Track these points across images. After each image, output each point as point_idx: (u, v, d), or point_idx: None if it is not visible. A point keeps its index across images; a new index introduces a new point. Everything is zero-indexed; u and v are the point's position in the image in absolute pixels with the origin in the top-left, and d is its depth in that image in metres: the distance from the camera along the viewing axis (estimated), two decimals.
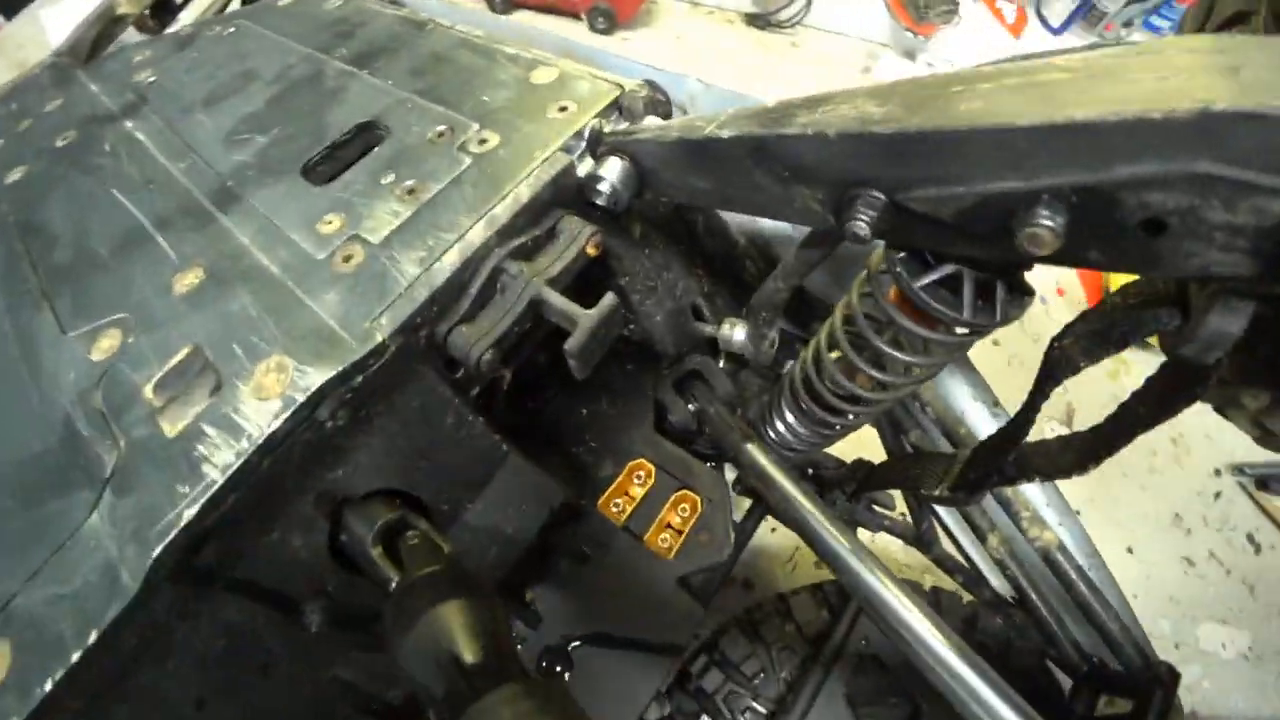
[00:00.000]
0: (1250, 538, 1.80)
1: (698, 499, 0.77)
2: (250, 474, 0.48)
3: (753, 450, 0.75)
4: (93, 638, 0.45)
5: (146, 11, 1.30)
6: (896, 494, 1.04)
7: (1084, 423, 0.60)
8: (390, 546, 0.56)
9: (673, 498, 0.78)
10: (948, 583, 1.03)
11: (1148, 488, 1.80)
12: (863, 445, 0.97)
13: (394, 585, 0.53)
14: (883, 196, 0.47)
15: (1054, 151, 0.36)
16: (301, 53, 0.91)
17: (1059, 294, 2.14)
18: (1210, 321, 0.38)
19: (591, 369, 0.57)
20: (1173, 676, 0.80)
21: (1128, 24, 2.70)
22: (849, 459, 1.03)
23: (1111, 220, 0.37)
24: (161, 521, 0.46)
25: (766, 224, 0.89)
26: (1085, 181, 0.36)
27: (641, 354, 0.85)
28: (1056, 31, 2.71)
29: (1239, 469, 1.87)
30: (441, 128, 0.69)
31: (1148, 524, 1.71)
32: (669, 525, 0.77)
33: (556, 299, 0.56)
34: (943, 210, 0.44)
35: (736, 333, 0.83)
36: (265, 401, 0.49)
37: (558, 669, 0.73)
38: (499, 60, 0.78)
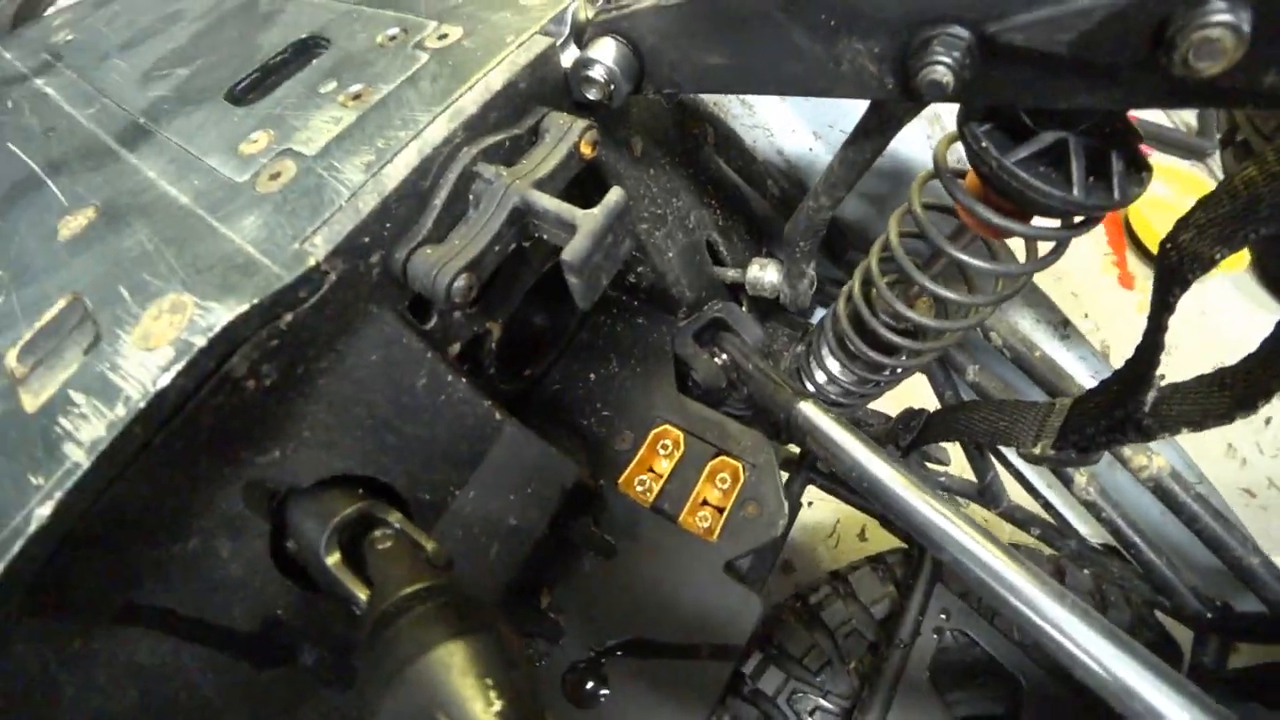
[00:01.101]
0: None
1: (738, 465, 0.63)
2: (133, 453, 0.35)
3: (809, 408, 0.61)
4: None
5: None
6: (951, 446, 0.91)
7: (1118, 361, 0.48)
8: (354, 552, 0.43)
9: (708, 467, 0.64)
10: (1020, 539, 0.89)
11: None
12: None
13: (363, 605, 0.39)
14: (967, 33, 0.35)
15: None
16: None
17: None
18: None
19: (598, 294, 0.44)
20: None
21: None
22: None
23: None
24: (5, 529, 0.32)
25: (785, 140, 0.75)
26: None
27: (654, 302, 0.71)
28: None
29: None
30: (394, 30, 0.56)
31: (1203, 457, 1.56)
32: (706, 502, 0.63)
33: (547, 201, 0.42)
34: (1056, 39, 0.33)
35: (768, 273, 0.70)
36: (152, 352, 0.36)
37: (588, 687, 0.58)
38: None
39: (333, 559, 0.41)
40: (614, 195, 0.42)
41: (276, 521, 0.44)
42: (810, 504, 1.55)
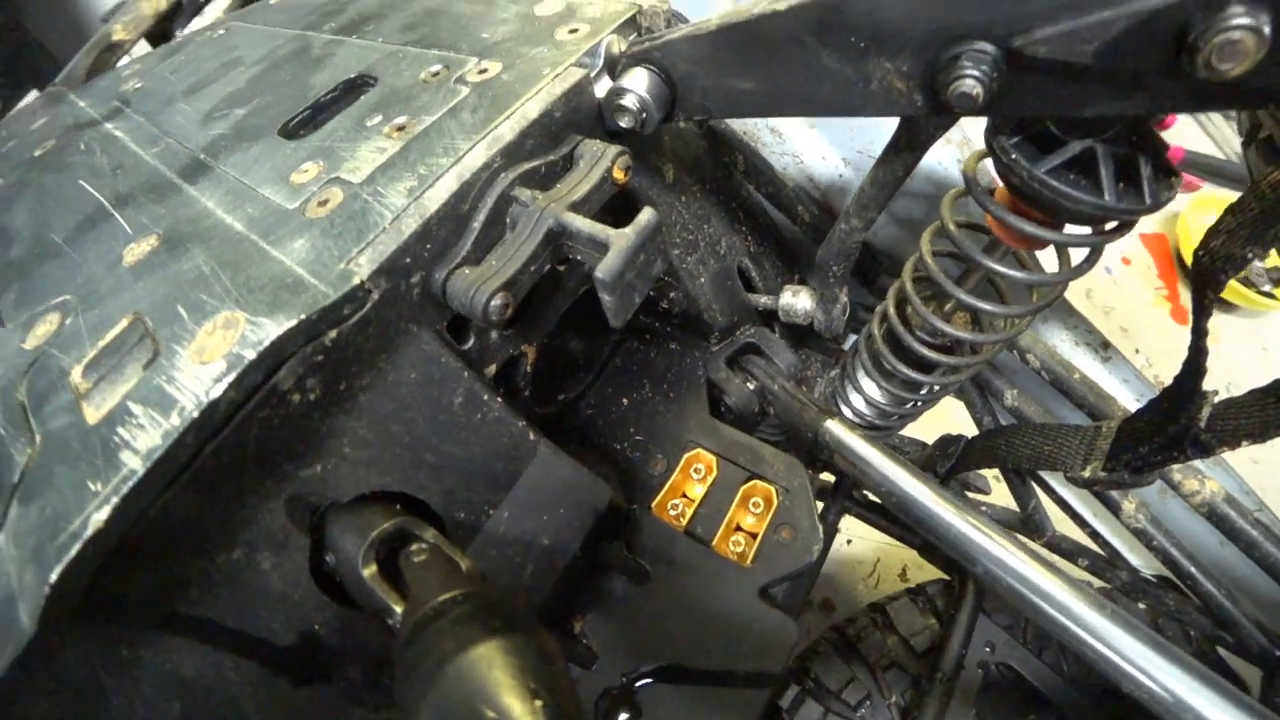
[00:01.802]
0: None
1: (771, 489, 0.63)
2: (186, 461, 0.36)
3: (836, 426, 0.60)
4: None
5: (140, 38, 1.27)
6: (991, 475, 0.89)
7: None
8: (390, 567, 0.43)
9: (741, 492, 0.63)
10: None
11: (1260, 461, 1.58)
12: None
13: (398, 618, 0.40)
14: (993, 48, 0.36)
15: None
16: (289, 34, 0.83)
17: (1125, 263, 1.96)
18: None
19: (630, 312, 0.45)
20: None
21: None
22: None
23: None
24: (64, 532, 0.34)
25: (815, 166, 0.76)
26: None
27: (685, 328, 0.72)
28: None
29: None
30: (436, 68, 0.59)
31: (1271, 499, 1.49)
32: (739, 527, 0.62)
33: (580, 222, 0.43)
34: (1080, 49, 0.34)
35: (801, 299, 0.70)
36: (206, 365, 0.37)
37: (622, 716, 0.58)
38: (497, 3, 0.68)
39: (369, 571, 0.42)
40: (645, 214, 0.43)
41: (315, 536, 0.45)
42: (850, 541, 1.51)
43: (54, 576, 0.33)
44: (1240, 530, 0.63)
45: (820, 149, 0.74)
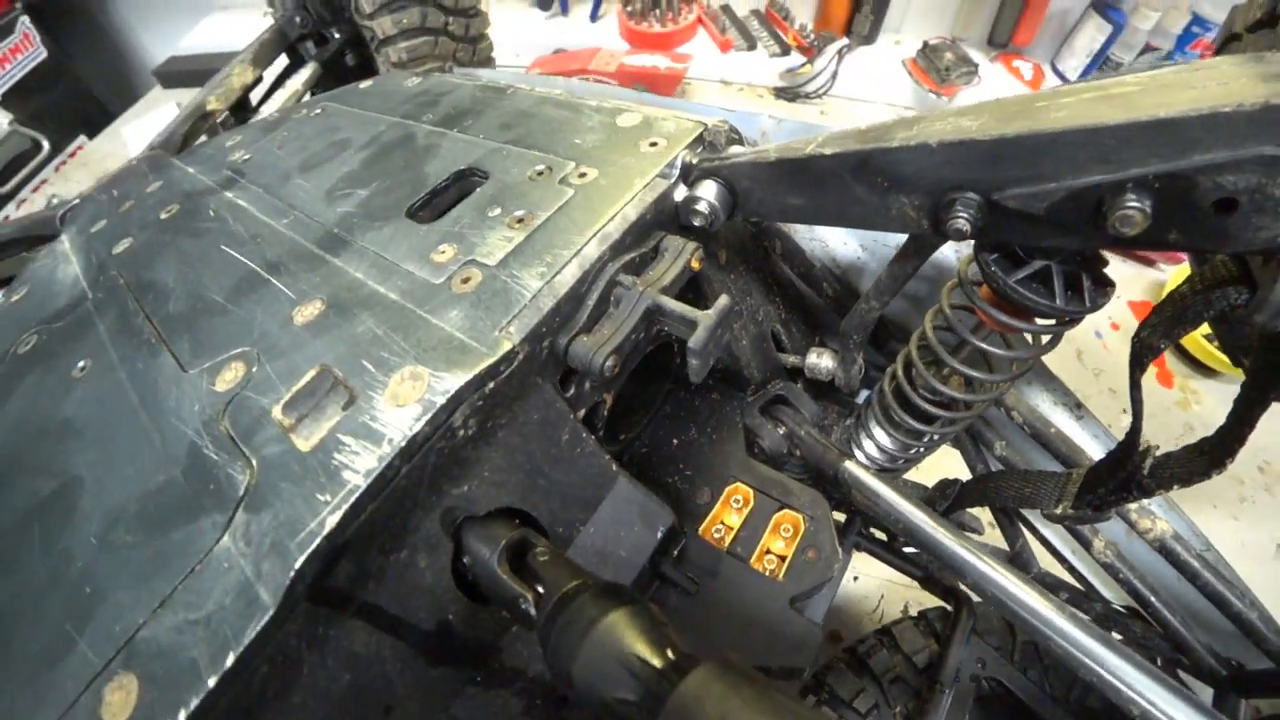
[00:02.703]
0: None
1: (799, 518, 0.75)
2: (390, 481, 0.48)
3: (853, 466, 0.73)
4: (230, 661, 0.43)
5: (229, 110, 1.41)
6: (983, 515, 1.01)
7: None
8: (516, 566, 0.55)
9: (774, 519, 0.76)
10: None
11: (1240, 518, 1.72)
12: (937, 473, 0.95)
13: (530, 603, 0.51)
14: (978, 197, 0.51)
15: (1139, 145, 0.41)
16: (390, 121, 0.97)
17: (1114, 328, 2.13)
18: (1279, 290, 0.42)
19: (707, 372, 0.58)
20: None
21: None
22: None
23: (1189, 202, 0.42)
24: (303, 531, 0.46)
25: (838, 249, 0.91)
26: (1167, 169, 0.41)
27: (726, 381, 0.85)
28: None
29: None
30: (540, 167, 0.73)
31: (1248, 556, 1.61)
32: (769, 550, 0.75)
33: (673, 304, 0.57)
34: (1036, 205, 0.49)
35: (824, 360, 0.84)
36: (403, 408, 0.50)
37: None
38: (583, 111, 0.83)
39: (504, 568, 0.54)
40: (723, 300, 0.57)
41: (455, 543, 0.57)
42: (856, 579, 1.63)
43: (298, 564, 0.44)
44: (1186, 563, 0.75)
45: (842, 235, 0.89)
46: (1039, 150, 0.45)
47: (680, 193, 0.67)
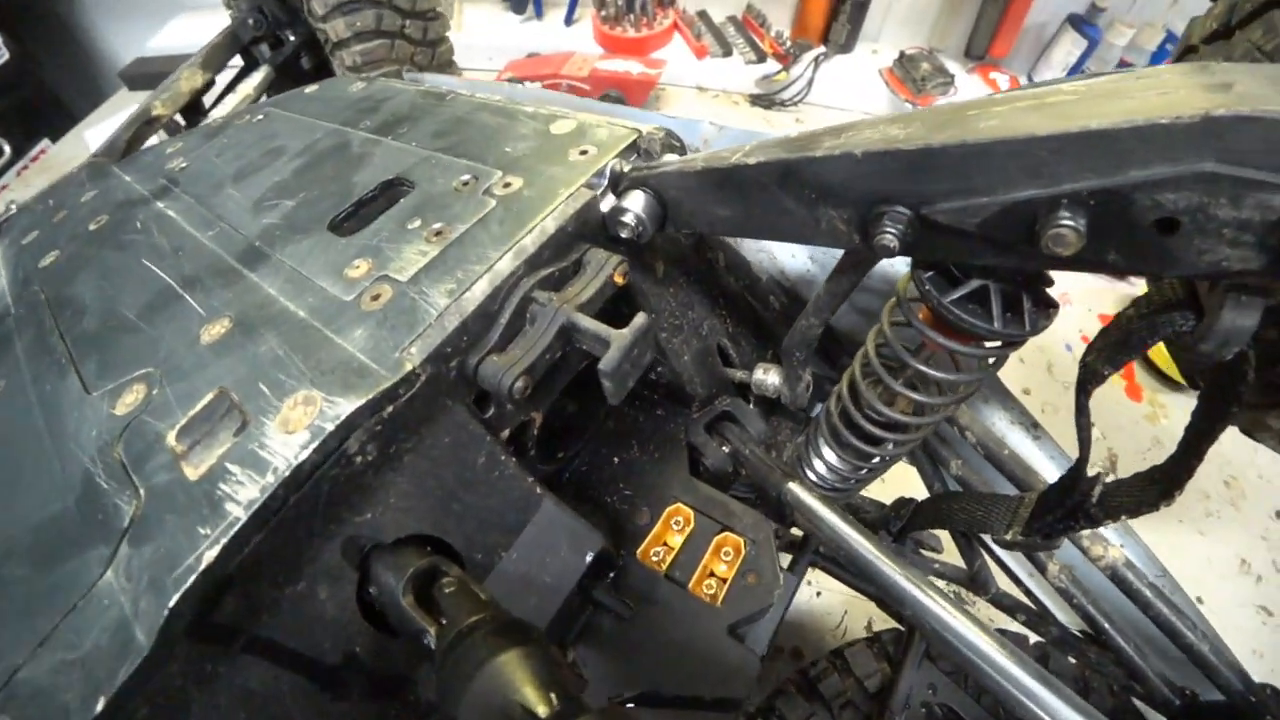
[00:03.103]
0: None
1: (740, 541, 0.73)
2: (276, 511, 0.46)
3: (796, 488, 0.71)
4: (100, 705, 0.40)
5: (177, 114, 1.38)
6: (943, 536, 0.99)
7: (1126, 469, 0.58)
8: (424, 597, 0.53)
9: (714, 542, 0.73)
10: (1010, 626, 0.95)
11: (1206, 533, 1.71)
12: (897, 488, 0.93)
13: (432, 638, 0.49)
14: (908, 211, 0.48)
15: (1072, 159, 0.38)
16: (327, 128, 0.94)
17: (1084, 340, 2.13)
18: (1225, 317, 0.40)
19: (625, 393, 0.55)
20: None
21: None
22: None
23: (1128, 221, 0.39)
24: (180, 566, 0.43)
25: (786, 262, 0.89)
26: (1102, 185, 0.38)
27: (670, 397, 0.83)
28: None
29: None
30: (466, 177, 0.71)
31: (1213, 571, 1.61)
32: (712, 573, 0.72)
33: (587, 322, 0.55)
34: (967, 221, 0.46)
35: (770, 376, 0.82)
36: (293, 434, 0.47)
37: None
38: (518, 118, 0.81)
39: (408, 600, 0.51)
40: (640, 319, 0.54)
41: (361, 573, 0.55)
42: (819, 594, 1.60)
43: (172, 602, 0.42)
44: (1137, 591, 0.73)
45: (790, 248, 0.86)
46: (967, 162, 0.43)
47: (607, 203, 0.64)
